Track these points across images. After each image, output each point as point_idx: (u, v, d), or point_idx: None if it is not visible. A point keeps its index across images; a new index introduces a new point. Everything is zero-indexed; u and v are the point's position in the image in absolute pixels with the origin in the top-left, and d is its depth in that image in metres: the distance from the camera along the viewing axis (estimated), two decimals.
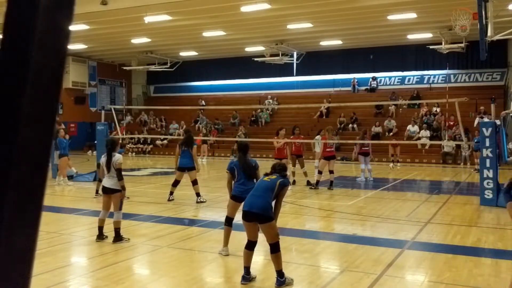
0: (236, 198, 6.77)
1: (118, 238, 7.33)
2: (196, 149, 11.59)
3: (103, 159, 7.57)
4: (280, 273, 5.40)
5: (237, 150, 6.89)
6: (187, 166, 11.29)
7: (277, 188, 5.63)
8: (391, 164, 20.98)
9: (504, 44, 24.59)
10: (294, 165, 14.50)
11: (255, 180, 6.56)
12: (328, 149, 13.87)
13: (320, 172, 13.80)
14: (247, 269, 5.58)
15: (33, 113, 0.64)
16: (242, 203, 6.04)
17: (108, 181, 7.43)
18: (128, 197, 11.45)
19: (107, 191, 7.48)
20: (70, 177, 15.94)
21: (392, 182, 15.99)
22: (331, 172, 13.67)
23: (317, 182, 13.70)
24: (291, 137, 14.55)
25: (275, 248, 5.41)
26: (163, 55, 30.57)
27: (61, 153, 15.02)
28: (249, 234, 5.65)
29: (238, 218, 9.27)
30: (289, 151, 14.11)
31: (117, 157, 7.54)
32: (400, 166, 21.36)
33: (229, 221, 6.85)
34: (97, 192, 11.94)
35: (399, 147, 21.59)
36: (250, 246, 5.63)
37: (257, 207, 5.45)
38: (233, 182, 6.94)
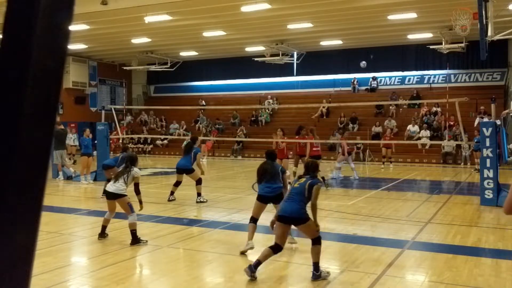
0: (261, 197, 6.97)
1: (135, 240, 7.25)
2: (199, 155, 11.71)
3: (120, 168, 7.62)
4: (316, 266, 5.61)
5: (266, 156, 7.36)
6: (184, 169, 11.35)
7: (307, 191, 5.79)
8: (382, 166, 20.72)
9: (505, 44, 24.57)
10: (296, 165, 14.50)
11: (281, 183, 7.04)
12: (314, 148, 13.93)
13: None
14: (258, 262, 5.63)
15: (33, 113, 0.64)
16: (267, 203, 6.81)
17: (111, 186, 7.41)
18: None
19: (109, 196, 7.45)
20: (69, 178, 15.97)
21: (392, 182, 15.99)
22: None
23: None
24: (296, 137, 14.58)
25: (316, 241, 5.70)
26: (163, 55, 30.57)
27: (84, 152, 15.12)
28: (277, 237, 5.78)
29: (238, 218, 9.25)
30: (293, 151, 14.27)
31: (136, 171, 7.57)
32: (393, 166, 21.05)
33: (254, 220, 6.98)
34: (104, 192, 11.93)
35: (392, 149, 20.92)
36: (275, 250, 5.74)
37: (289, 212, 5.70)
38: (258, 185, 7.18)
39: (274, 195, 6.90)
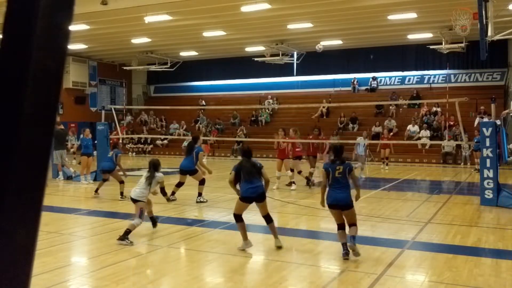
0: (246, 199, 7.00)
1: (123, 237, 7.29)
2: (201, 155, 11.70)
3: (145, 175, 7.96)
4: (353, 238, 6.54)
5: (241, 155, 7.37)
6: (187, 170, 11.37)
7: (348, 176, 6.70)
8: (382, 166, 20.39)
9: (504, 44, 24.58)
10: (313, 166, 14.42)
11: (262, 178, 7.07)
12: (297, 149, 13.94)
13: (292, 170, 13.92)
14: (344, 244, 6.50)
15: (33, 113, 0.64)
16: (251, 203, 6.94)
17: (134, 192, 7.76)
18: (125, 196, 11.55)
19: (132, 200, 7.80)
20: (69, 178, 15.97)
21: (392, 182, 15.99)
22: (293, 171, 13.79)
23: (293, 181, 13.92)
24: (310, 137, 14.59)
25: (354, 224, 6.62)
26: (163, 55, 30.57)
27: (84, 152, 15.12)
28: (337, 219, 6.68)
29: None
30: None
31: (160, 176, 7.93)
32: (389, 167, 20.53)
33: (238, 217, 7.01)
34: (96, 191, 12.01)
35: (390, 149, 20.46)
36: (341, 227, 6.62)
37: (341, 200, 6.58)
38: (239, 183, 7.16)
39: (257, 195, 6.94)
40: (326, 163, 7.10)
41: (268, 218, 7.04)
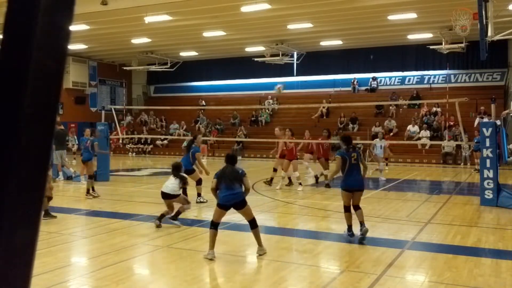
0: (223, 206, 6.68)
1: (174, 217, 8.41)
2: (199, 155, 11.63)
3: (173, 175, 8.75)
4: (363, 223, 7.51)
5: (225, 161, 6.99)
6: (184, 169, 11.35)
7: (360, 161, 7.64)
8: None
9: (505, 44, 24.58)
10: (327, 168, 14.31)
11: (242, 186, 6.74)
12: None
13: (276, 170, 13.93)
14: (350, 226, 7.48)
15: (33, 113, 0.64)
16: (228, 210, 6.74)
17: (167, 188, 8.53)
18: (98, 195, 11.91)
19: (165, 196, 8.53)
20: (69, 178, 15.97)
21: (392, 182, 15.98)
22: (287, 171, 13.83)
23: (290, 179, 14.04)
24: (319, 139, 14.53)
25: (359, 207, 7.59)
26: (163, 55, 30.57)
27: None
28: (346, 201, 7.55)
29: (238, 218, 9.29)
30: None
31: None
32: (389, 167, 20.10)
33: (216, 225, 6.71)
34: (88, 191, 11.99)
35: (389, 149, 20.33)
36: (347, 209, 7.54)
37: (359, 185, 7.60)
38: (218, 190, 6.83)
39: (235, 202, 6.64)
40: (341, 151, 7.69)
41: (253, 224, 6.72)
